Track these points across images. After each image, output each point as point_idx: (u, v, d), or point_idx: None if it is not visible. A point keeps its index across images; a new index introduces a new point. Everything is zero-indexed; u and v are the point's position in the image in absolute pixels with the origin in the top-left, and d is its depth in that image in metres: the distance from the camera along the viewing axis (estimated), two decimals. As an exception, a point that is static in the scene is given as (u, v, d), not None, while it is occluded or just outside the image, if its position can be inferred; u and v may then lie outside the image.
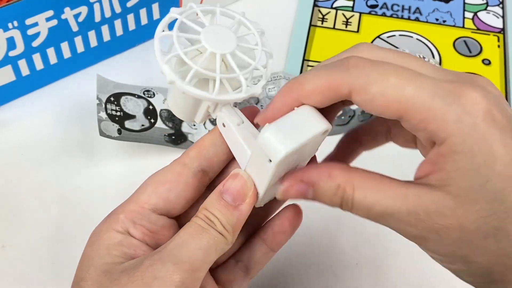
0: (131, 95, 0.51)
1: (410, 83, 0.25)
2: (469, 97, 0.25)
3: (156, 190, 0.32)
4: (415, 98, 0.25)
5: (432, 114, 0.25)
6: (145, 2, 0.53)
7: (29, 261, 0.44)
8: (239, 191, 0.30)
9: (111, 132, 0.47)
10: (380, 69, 0.26)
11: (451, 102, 0.25)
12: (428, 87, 0.25)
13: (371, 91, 0.26)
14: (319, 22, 0.60)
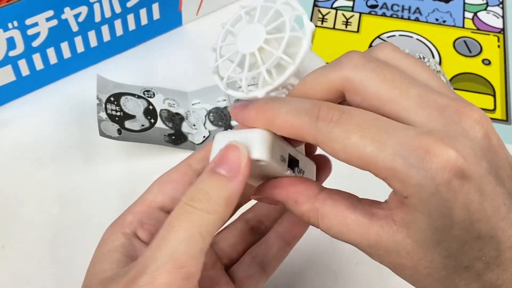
0: (131, 95, 0.51)
1: (372, 142, 0.25)
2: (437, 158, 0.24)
3: (161, 188, 0.32)
4: (376, 158, 0.25)
5: (394, 175, 0.25)
6: (145, 2, 0.53)
7: (29, 261, 0.44)
8: (235, 161, 0.28)
9: (111, 132, 0.47)
10: (344, 125, 0.26)
11: (415, 163, 0.24)
12: (392, 144, 0.25)
13: (334, 147, 0.26)
14: (319, 22, 0.60)
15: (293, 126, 0.27)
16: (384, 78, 0.26)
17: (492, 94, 0.55)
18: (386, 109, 0.26)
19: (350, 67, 0.27)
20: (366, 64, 0.27)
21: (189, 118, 0.51)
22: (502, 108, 0.54)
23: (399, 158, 0.25)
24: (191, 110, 0.52)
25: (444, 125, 0.25)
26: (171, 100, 0.52)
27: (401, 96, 0.26)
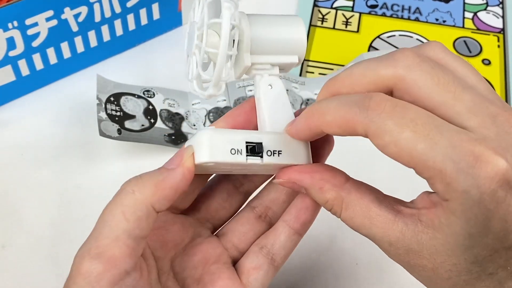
0: (131, 95, 0.51)
1: (424, 139, 0.25)
2: (487, 167, 0.24)
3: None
4: (426, 156, 0.25)
5: (441, 176, 0.25)
6: (145, 2, 0.53)
7: (29, 261, 0.44)
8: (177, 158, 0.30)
9: (111, 132, 0.47)
10: (397, 118, 0.25)
11: (463, 169, 0.24)
12: (443, 146, 0.25)
13: (385, 139, 0.25)
14: (319, 22, 0.60)
15: (344, 118, 0.26)
16: (438, 81, 0.26)
17: (492, 94, 0.55)
18: (438, 112, 0.26)
19: (404, 65, 0.26)
20: (421, 64, 0.26)
21: (189, 118, 0.51)
22: (502, 108, 0.54)
23: (449, 160, 0.24)
24: (191, 110, 0.52)
25: (496, 134, 0.25)
26: (171, 100, 0.52)
27: (455, 101, 0.26)
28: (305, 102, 0.52)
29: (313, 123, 0.28)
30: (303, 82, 0.54)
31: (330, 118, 0.27)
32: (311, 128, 0.28)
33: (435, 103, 0.26)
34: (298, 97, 0.52)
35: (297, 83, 0.54)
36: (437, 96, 0.26)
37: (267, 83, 0.32)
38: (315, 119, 0.28)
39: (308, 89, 0.53)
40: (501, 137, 0.25)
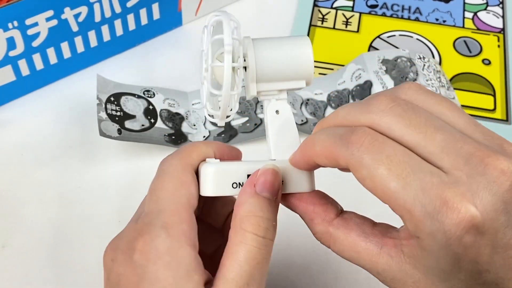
0: (131, 95, 0.51)
1: (397, 178, 0.26)
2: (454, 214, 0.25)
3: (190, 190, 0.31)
4: (398, 195, 0.26)
5: (410, 217, 0.26)
6: (145, 2, 0.53)
7: (29, 261, 0.44)
8: (276, 185, 0.31)
9: (111, 132, 0.47)
10: (374, 154, 0.26)
11: (430, 213, 0.25)
12: (414, 187, 0.26)
13: (362, 173, 0.27)
14: (319, 22, 0.60)
15: (329, 150, 0.28)
16: (410, 123, 0.27)
17: (492, 94, 0.55)
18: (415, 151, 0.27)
19: (377, 110, 0.28)
20: (394, 108, 0.27)
21: (189, 118, 0.51)
22: (502, 108, 0.54)
23: (418, 203, 0.25)
24: (191, 110, 0.52)
25: (468, 176, 0.25)
26: (171, 100, 0.52)
27: (426, 141, 0.26)
28: (305, 102, 0.52)
29: (307, 154, 0.30)
30: (303, 82, 0.54)
31: (318, 149, 0.29)
32: (306, 160, 0.30)
33: (409, 144, 0.27)
34: (298, 97, 0.52)
35: (297, 83, 0.54)
36: (410, 137, 0.27)
37: (274, 109, 0.32)
38: (308, 150, 0.30)
39: (308, 89, 0.53)
40: (472, 179, 0.25)
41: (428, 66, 0.54)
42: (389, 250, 0.28)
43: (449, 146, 0.26)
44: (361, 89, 0.52)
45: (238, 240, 0.29)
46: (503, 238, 0.26)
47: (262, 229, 0.29)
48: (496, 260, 0.26)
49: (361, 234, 0.30)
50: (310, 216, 0.31)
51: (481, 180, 0.25)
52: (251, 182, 0.30)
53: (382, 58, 0.53)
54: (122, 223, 0.46)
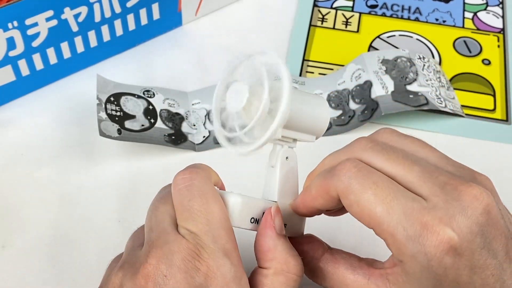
0: (131, 95, 0.51)
1: (382, 203, 0.28)
2: (433, 237, 0.27)
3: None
4: (382, 220, 0.28)
5: (393, 240, 0.28)
6: (145, 2, 0.53)
7: (29, 261, 0.44)
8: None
9: (111, 132, 0.47)
10: (361, 179, 0.29)
11: (412, 237, 0.27)
12: (397, 212, 0.28)
13: (350, 198, 0.29)
14: (319, 22, 0.60)
15: (321, 185, 0.31)
16: (389, 157, 0.30)
17: (492, 94, 0.55)
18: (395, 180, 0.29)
19: (359, 150, 0.31)
20: (373, 147, 0.30)
21: (189, 118, 0.51)
22: (502, 108, 0.54)
23: (401, 227, 0.28)
24: (191, 110, 0.52)
25: (444, 202, 0.28)
26: (171, 100, 0.52)
27: (405, 172, 0.29)
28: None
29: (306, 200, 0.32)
30: (303, 82, 0.54)
31: (314, 191, 0.31)
32: (305, 205, 0.33)
33: (390, 175, 0.29)
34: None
35: (297, 83, 0.54)
36: (390, 169, 0.29)
37: (285, 155, 0.34)
38: (306, 196, 0.32)
39: (308, 89, 0.53)
40: (449, 205, 0.28)
41: (428, 66, 0.54)
42: (375, 280, 0.30)
43: (426, 176, 0.29)
44: (361, 89, 0.52)
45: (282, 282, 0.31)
46: (480, 258, 0.28)
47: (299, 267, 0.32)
48: (475, 280, 0.28)
49: (349, 267, 0.32)
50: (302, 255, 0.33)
51: (456, 205, 0.28)
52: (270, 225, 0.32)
53: (382, 58, 0.53)
54: (122, 223, 0.46)
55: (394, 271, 0.29)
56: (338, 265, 0.32)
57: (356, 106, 0.51)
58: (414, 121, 0.52)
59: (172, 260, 0.29)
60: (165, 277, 0.28)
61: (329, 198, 0.31)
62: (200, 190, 0.31)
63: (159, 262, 0.29)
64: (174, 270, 0.28)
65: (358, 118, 0.51)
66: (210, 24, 0.59)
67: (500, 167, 0.49)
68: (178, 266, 0.28)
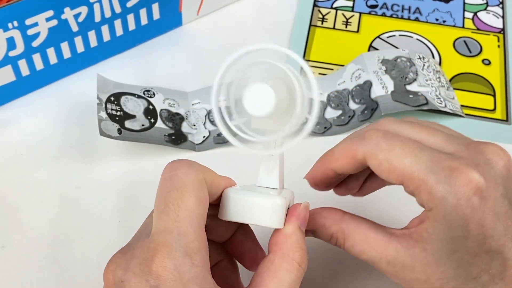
0: (131, 95, 0.51)
1: (410, 155, 0.30)
2: (462, 177, 0.29)
3: (204, 208, 0.31)
4: (412, 169, 0.30)
5: (424, 187, 0.30)
6: (145, 2, 0.54)
7: (29, 261, 0.44)
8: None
9: (111, 132, 0.47)
10: (388, 140, 0.31)
11: (442, 179, 0.29)
12: (425, 161, 0.30)
13: (379, 157, 0.31)
14: (319, 22, 0.60)
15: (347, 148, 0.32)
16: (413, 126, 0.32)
17: (492, 94, 0.55)
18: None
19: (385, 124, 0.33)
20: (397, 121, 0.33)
21: (189, 118, 0.51)
22: (502, 108, 0.54)
23: (430, 172, 0.29)
24: (191, 110, 0.52)
25: (469, 155, 0.30)
26: (171, 100, 0.52)
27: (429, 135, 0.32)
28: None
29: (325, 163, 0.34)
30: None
31: (337, 153, 0.33)
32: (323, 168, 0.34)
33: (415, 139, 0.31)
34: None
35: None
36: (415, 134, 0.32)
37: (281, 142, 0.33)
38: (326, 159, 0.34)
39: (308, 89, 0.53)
40: (473, 157, 0.30)
41: (427, 66, 0.54)
42: (397, 238, 0.31)
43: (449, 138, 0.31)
44: (360, 89, 0.52)
45: (285, 268, 0.31)
46: (503, 206, 0.29)
47: (305, 262, 0.32)
48: (498, 227, 0.29)
49: (371, 226, 0.33)
50: (321, 223, 0.34)
51: (481, 158, 0.30)
52: (296, 215, 0.33)
53: (382, 58, 0.53)
54: (122, 223, 0.46)
55: (418, 229, 0.30)
56: (360, 223, 0.33)
57: (356, 106, 0.51)
58: (414, 121, 0.52)
59: (129, 265, 0.28)
60: (121, 283, 0.28)
61: (351, 161, 0.32)
62: (181, 181, 0.30)
63: (118, 267, 0.29)
64: (129, 275, 0.28)
65: (358, 118, 0.51)
66: (210, 24, 0.59)
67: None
68: (133, 271, 0.28)
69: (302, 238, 0.32)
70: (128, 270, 0.28)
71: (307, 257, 0.32)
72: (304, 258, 0.32)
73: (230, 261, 0.37)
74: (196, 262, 0.28)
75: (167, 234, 0.28)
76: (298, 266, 0.32)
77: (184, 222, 0.29)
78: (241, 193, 0.32)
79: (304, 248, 0.32)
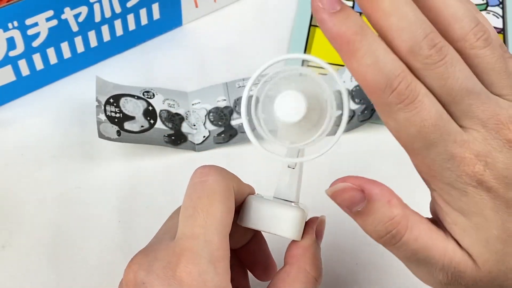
0: (131, 96, 0.51)
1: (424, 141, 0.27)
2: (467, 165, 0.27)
3: (230, 216, 0.31)
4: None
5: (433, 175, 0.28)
6: (145, 2, 0.53)
7: (29, 261, 0.44)
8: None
9: (110, 134, 0.47)
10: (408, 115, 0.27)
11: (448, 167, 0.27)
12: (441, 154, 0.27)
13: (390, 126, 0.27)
14: (319, 22, 0.60)
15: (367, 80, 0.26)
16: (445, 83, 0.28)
17: (492, 94, 0.55)
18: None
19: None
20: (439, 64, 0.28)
21: (189, 118, 0.51)
22: (502, 108, 0.54)
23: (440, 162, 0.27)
24: (191, 110, 0.52)
25: (484, 138, 0.27)
26: (171, 101, 0.52)
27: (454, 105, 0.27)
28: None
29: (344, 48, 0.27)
30: (303, 82, 0.54)
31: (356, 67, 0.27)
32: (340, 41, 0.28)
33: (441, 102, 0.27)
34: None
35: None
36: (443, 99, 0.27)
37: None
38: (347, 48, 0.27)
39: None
40: (487, 142, 0.27)
41: None
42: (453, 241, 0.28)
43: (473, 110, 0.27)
44: (360, 89, 0.52)
45: (302, 280, 0.31)
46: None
47: (321, 276, 0.31)
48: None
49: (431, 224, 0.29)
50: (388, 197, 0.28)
51: (493, 144, 0.27)
52: (314, 228, 0.32)
53: (382, 58, 0.53)
54: (122, 223, 0.46)
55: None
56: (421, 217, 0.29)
57: (356, 106, 0.51)
58: (414, 121, 0.52)
59: (152, 267, 0.28)
60: (143, 284, 0.28)
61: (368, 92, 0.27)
62: (211, 189, 0.29)
63: (140, 268, 0.29)
64: (152, 277, 0.28)
65: (358, 118, 0.51)
66: (210, 24, 0.59)
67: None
68: (157, 273, 0.28)
69: (318, 252, 0.32)
70: (151, 272, 0.28)
71: (322, 272, 0.32)
72: (320, 272, 0.32)
73: (241, 268, 0.37)
74: (219, 270, 0.28)
75: (194, 239, 0.28)
76: (314, 280, 0.31)
77: (211, 230, 0.28)
78: (264, 202, 0.32)
79: (320, 262, 0.32)
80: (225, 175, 0.31)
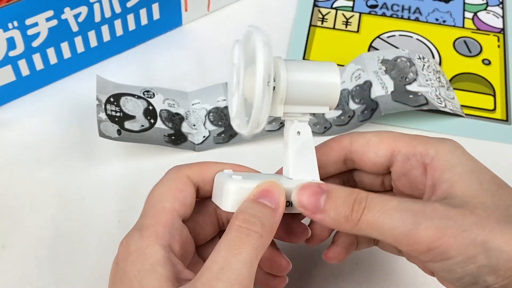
0: (131, 95, 0.51)
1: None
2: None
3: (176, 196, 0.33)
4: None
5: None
6: (145, 2, 0.54)
7: (29, 261, 0.44)
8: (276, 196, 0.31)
9: (111, 133, 0.47)
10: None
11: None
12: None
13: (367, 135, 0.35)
14: (319, 22, 0.60)
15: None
16: None
17: (492, 94, 0.55)
18: None
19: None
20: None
21: (189, 118, 0.51)
22: (502, 108, 0.54)
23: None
24: (191, 110, 0.52)
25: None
26: (171, 100, 0.52)
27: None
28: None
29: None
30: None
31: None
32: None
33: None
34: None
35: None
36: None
37: (296, 130, 0.33)
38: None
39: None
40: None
41: (427, 66, 0.54)
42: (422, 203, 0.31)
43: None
44: (360, 89, 0.52)
45: (224, 235, 0.30)
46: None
47: (247, 221, 0.30)
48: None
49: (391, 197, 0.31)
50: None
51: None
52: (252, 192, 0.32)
53: (382, 58, 0.53)
54: (122, 223, 0.46)
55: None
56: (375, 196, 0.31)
57: (355, 106, 0.51)
58: (413, 121, 0.52)
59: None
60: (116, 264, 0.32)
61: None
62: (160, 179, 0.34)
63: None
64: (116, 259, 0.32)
65: (357, 118, 0.51)
66: (210, 24, 0.59)
67: (500, 167, 0.49)
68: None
69: (250, 206, 0.31)
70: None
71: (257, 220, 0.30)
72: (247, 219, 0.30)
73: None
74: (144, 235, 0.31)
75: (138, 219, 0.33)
76: (237, 226, 0.30)
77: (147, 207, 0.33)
78: (220, 176, 0.33)
79: (250, 212, 0.30)
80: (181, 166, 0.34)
